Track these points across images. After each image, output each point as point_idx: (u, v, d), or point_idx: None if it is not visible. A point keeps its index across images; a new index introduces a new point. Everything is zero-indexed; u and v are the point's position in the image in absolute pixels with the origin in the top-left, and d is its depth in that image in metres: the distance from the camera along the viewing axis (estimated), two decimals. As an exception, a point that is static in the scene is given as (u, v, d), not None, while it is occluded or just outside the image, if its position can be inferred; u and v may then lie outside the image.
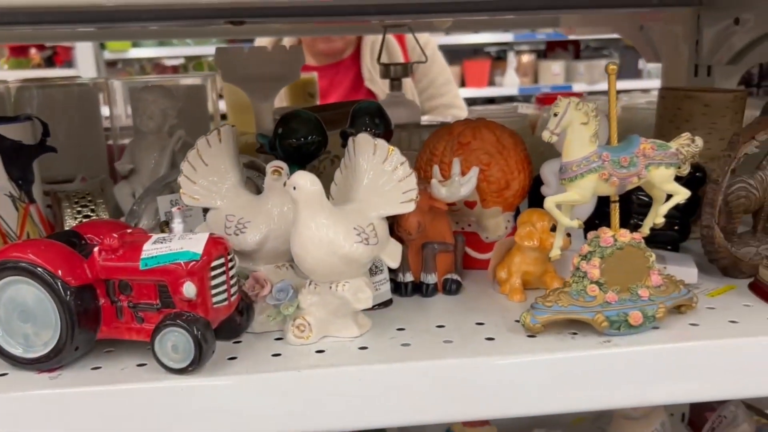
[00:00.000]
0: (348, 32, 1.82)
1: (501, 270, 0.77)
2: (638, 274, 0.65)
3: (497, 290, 0.77)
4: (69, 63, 4.63)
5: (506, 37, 4.93)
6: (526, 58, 5.18)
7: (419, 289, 0.77)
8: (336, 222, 0.62)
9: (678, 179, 0.77)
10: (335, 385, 0.59)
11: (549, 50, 5.34)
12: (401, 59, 2.16)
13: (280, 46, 1.23)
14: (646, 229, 0.68)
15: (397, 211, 0.67)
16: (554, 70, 5.11)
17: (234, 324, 0.65)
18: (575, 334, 0.65)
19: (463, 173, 0.79)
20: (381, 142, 0.68)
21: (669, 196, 0.67)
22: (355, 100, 1.54)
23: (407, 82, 2.15)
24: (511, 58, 5.16)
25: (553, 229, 0.73)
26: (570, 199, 0.65)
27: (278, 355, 0.63)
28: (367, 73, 2.09)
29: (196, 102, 1.26)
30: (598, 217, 0.78)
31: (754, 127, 0.77)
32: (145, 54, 4.91)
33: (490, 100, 4.80)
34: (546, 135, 0.64)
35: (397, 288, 0.78)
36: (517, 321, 0.66)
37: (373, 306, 0.73)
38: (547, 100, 1.72)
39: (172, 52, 4.90)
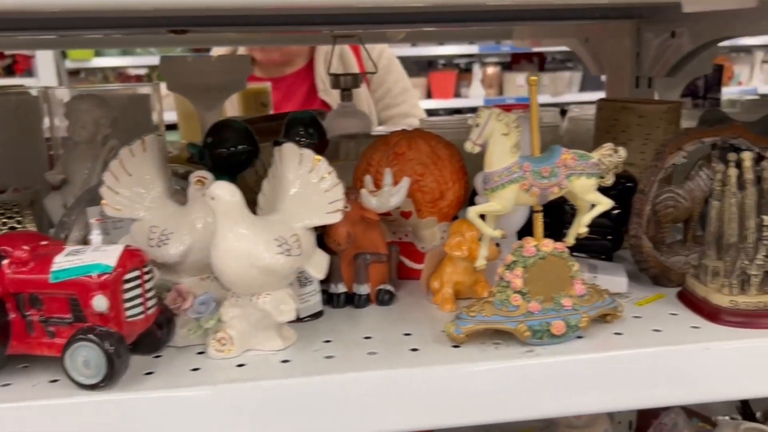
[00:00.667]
0: (298, 42, 1.81)
1: (434, 280, 0.77)
2: (562, 284, 0.66)
3: (431, 300, 0.77)
4: (29, 72, 4.55)
5: (472, 49, 4.97)
6: (491, 69, 5.23)
7: (352, 300, 0.77)
8: (256, 233, 0.61)
9: (609, 189, 0.78)
10: (252, 399, 0.58)
11: (514, 62, 5.40)
12: (356, 69, 2.17)
13: (223, 55, 1.22)
14: (570, 239, 0.68)
15: (322, 222, 0.67)
16: (519, 82, 5.16)
17: (154, 338, 0.64)
18: (499, 344, 0.65)
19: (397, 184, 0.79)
20: (307, 152, 0.67)
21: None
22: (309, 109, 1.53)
23: (362, 92, 2.15)
24: (477, 69, 5.20)
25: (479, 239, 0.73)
26: (492, 209, 0.65)
27: (197, 369, 0.61)
28: (321, 84, 2.09)
29: (141, 111, 1.24)
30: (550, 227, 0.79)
31: (681, 138, 0.78)
32: (108, 63, 4.84)
33: (457, 111, 4.83)
34: (468, 146, 0.64)
35: (330, 299, 0.77)
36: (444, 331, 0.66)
37: (303, 317, 0.73)
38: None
39: (135, 62, 4.84)
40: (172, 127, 1.71)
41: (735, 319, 0.68)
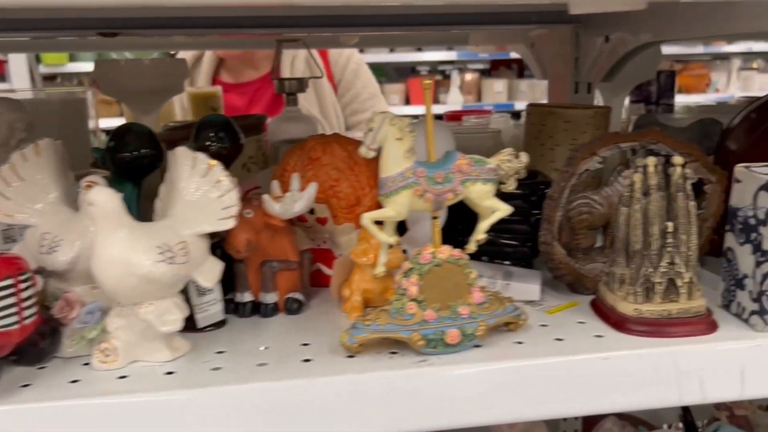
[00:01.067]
0: (241, 46, 1.79)
1: (345, 288, 0.75)
2: (459, 292, 0.64)
3: (342, 309, 0.75)
4: (2, 77, 4.51)
5: (451, 55, 4.98)
6: (469, 76, 5.23)
7: (259, 309, 0.75)
8: (136, 240, 0.59)
9: (530, 195, 0.77)
10: (127, 412, 0.56)
11: (493, 69, 5.42)
12: (324, 74, 2.15)
13: (157, 59, 1.21)
14: (471, 246, 0.67)
15: (214, 228, 0.65)
16: (497, 89, 5.17)
17: (36, 349, 0.62)
18: (395, 353, 0.63)
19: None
20: (201, 156, 0.66)
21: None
22: (253, 114, 1.51)
23: (329, 97, 2.14)
24: (455, 76, 5.21)
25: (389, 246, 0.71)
26: (385, 215, 0.63)
27: (76, 381, 0.59)
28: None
29: (75, 115, 1.22)
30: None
31: (595, 143, 0.77)
32: (82, 68, 4.80)
33: (438, 117, 4.83)
34: (363, 150, 0.63)
35: (236, 308, 0.75)
36: (343, 341, 0.64)
37: (205, 327, 0.71)
38: (454, 116, 1.72)
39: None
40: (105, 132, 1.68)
41: (639, 328, 0.66)
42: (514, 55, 1.55)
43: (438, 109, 5.02)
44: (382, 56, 4.99)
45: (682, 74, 5.33)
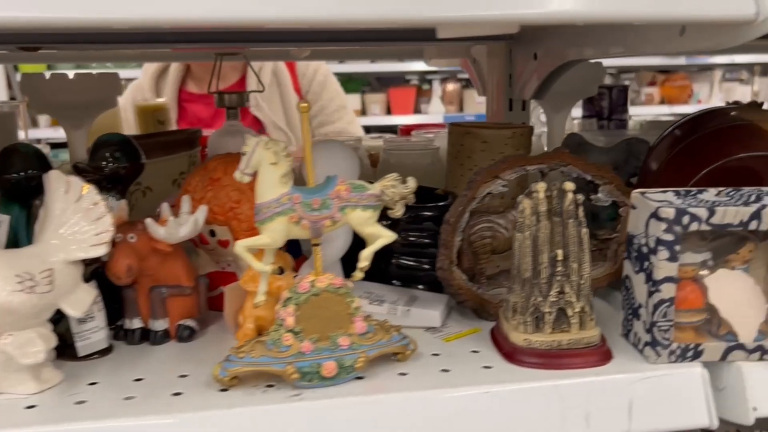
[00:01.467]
0: (180, 59, 1.77)
1: (240, 315, 0.73)
2: (340, 322, 0.62)
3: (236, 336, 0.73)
4: (-21, 86, 4.47)
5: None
6: (451, 86, 5.23)
7: (149, 336, 0.73)
8: (-8, 268, 0.57)
9: (435, 219, 0.74)
10: (-27, 450, 0.54)
11: (475, 79, 5.41)
12: (290, 86, 2.14)
13: (84, 73, 1.19)
14: (358, 274, 0.64)
15: (87, 255, 0.62)
16: (478, 99, 5.15)
17: None
18: (271, 386, 0.61)
19: (215, 212, 0.76)
20: (75, 180, 0.63)
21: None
22: (186, 129, 1.49)
23: (295, 109, 2.12)
24: (437, 86, 5.20)
25: (280, 272, 0.69)
26: (260, 242, 0.61)
27: (-72, 416, 0.57)
28: (252, 100, 2.05)
29: (4, 130, 1.20)
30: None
31: (498, 166, 0.75)
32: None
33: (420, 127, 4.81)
34: (237, 175, 0.61)
35: (126, 335, 0.72)
36: (221, 372, 0.62)
37: (89, 355, 0.68)
38: (406, 131, 1.70)
39: (90, 75, 4.76)
40: (63, 145, 1.66)
41: (529, 359, 0.64)
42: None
43: (419, 119, 5.02)
44: (365, 66, 4.99)
45: (665, 85, 5.34)
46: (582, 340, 0.65)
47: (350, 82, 4.99)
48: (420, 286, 0.83)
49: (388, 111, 5.12)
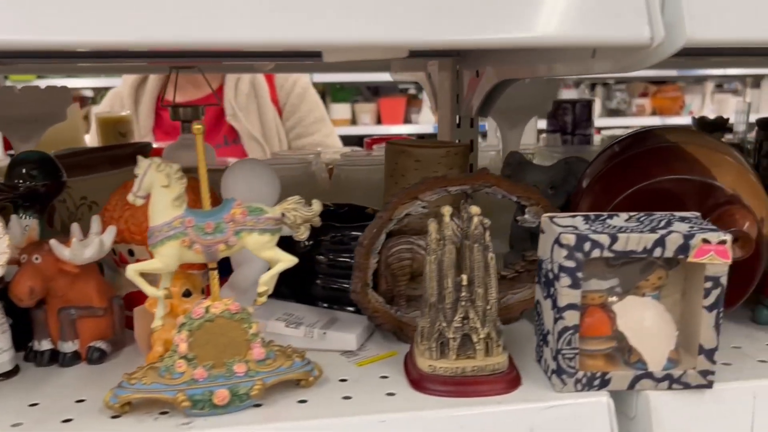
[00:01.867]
0: (133, 71, 1.77)
1: (151, 337, 0.72)
2: (237, 348, 0.61)
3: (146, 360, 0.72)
4: (-35, 92, 4.47)
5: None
6: (441, 96, 5.22)
7: (58, 357, 0.71)
8: None
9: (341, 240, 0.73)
10: None
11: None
12: (268, 98, 2.14)
13: (30, 87, 1.18)
14: (260, 299, 0.63)
15: (-20, 278, 0.61)
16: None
17: None
18: (165, 413, 0.60)
19: (132, 231, 0.75)
20: (-29, 202, 0.62)
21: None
22: (136, 143, 1.48)
23: (272, 120, 2.12)
24: (426, 96, 5.19)
25: (187, 294, 0.68)
26: (152, 267, 0.60)
27: None
28: (229, 109, 2.06)
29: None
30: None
31: (417, 187, 0.74)
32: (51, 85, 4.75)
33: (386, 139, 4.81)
34: (131, 198, 0.60)
35: (35, 356, 0.71)
36: (117, 398, 0.61)
37: (-7, 378, 0.67)
38: (370, 144, 1.70)
39: (79, 83, 4.78)
40: None
41: (433, 387, 0.63)
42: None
43: (409, 129, 5.02)
44: (356, 75, 4.98)
45: (656, 96, 5.35)
46: (487, 367, 0.63)
47: (341, 92, 4.99)
48: (349, 308, 0.82)
49: (379, 121, 5.12)
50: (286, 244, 0.79)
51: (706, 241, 0.59)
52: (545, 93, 1.25)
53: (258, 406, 0.61)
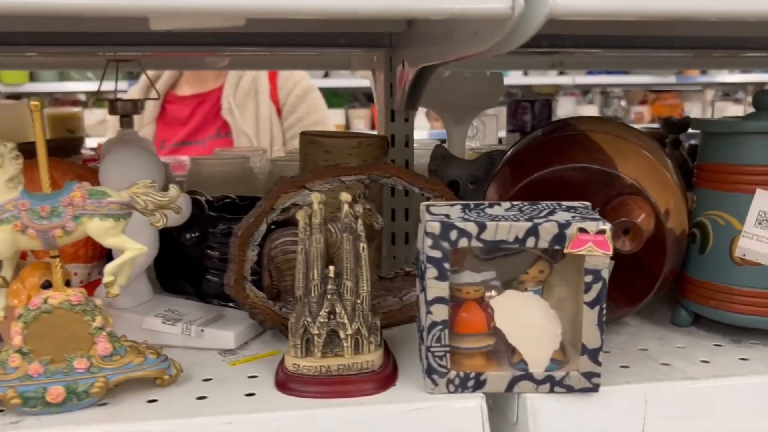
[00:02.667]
0: (71, 67, 1.73)
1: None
2: (79, 342, 0.56)
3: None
4: (-46, 95, 4.48)
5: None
6: (436, 102, 5.18)
7: None
8: None
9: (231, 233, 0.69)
10: None
11: (462, 96, 5.36)
12: (267, 96, 2.14)
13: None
14: (111, 291, 0.59)
15: None
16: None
17: None
18: (0, 411, 0.56)
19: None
20: None
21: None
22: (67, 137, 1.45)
23: (266, 117, 2.12)
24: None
25: (46, 285, 0.64)
26: (-17, 253, 0.56)
27: None
28: (226, 104, 2.08)
29: None
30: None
31: (304, 176, 0.69)
32: (43, 88, 4.77)
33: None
34: (-33, 181, 0.56)
35: None
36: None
37: None
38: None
39: (72, 87, 4.78)
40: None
41: (294, 387, 0.58)
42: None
43: (403, 135, 4.97)
44: (351, 81, 4.97)
45: (655, 104, 5.30)
46: (355, 366, 0.59)
47: (335, 97, 4.97)
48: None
49: (373, 126, 5.09)
50: (172, 237, 0.76)
51: (582, 230, 0.55)
52: (490, 88, 1.21)
53: (103, 405, 0.57)
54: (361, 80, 4.92)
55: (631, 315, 0.73)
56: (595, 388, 0.58)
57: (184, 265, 0.80)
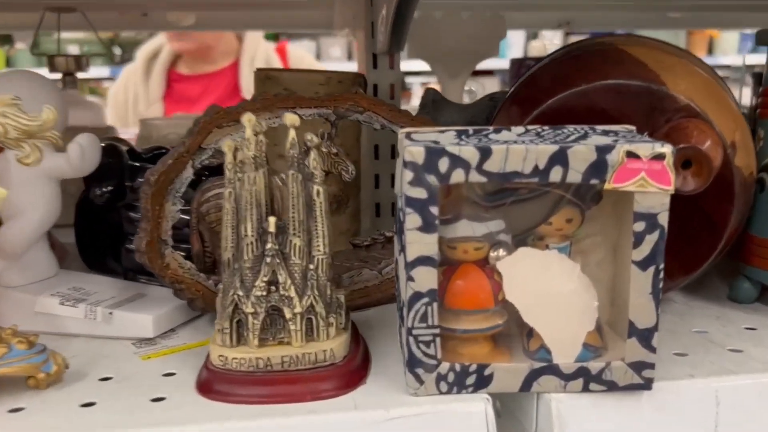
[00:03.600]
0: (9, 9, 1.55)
1: None
2: None
3: None
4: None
5: (411, 65, 4.77)
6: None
7: None
8: None
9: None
10: None
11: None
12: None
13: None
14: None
15: None
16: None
17: None
18: None
19: None
20: None
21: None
22: None
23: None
24: (417, 89, 5.00)
25: None
26: None
27: None
28: (244, 83, 1.96)
29: None
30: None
31: (242, 107, 0.52)
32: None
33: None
34: None
35: None
36: None
37: None
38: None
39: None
40: None
41: (220, 389, 0.41)
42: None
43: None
44: (348, 65, 4.78)
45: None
46: (306, 358, 0.42)
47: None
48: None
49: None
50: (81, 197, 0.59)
51: (632, 155, 0.37)
52: (489, 31, 1.03)
53: (-59, 416, 0.40)
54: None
55: (676, 289, 0.56)
56: (647, 385, 0.41)
57: (107, 235, 0.63)
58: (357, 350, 0.44)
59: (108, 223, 0.63)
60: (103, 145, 0.62)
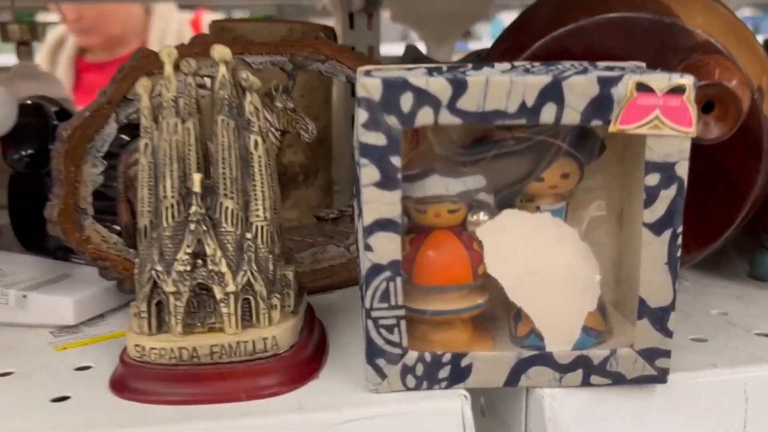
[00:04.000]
0: None
1: None
2: None
3: None
4: None
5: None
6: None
7: None
8: None
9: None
10: None
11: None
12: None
13: None
14: None
15: None
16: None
17: None
18: None
19: None
20: None
21: None
22: None
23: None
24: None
25: None
26: None
27: None
28: None
29: None
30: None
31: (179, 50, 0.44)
32: None
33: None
34: None
35: None
36: None
37: None
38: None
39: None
40: None
41: (136, 386, 0.33)
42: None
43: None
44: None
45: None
46: (242, 347, 0.34)
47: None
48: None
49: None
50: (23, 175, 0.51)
51: (644, 87, 0.30)
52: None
53: None
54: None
55: (689, 264, 0.48)
56: (661, 377, 0.33)
57: (39, 210, 0.55)
58: (309, 339, 0.37)
59: (39, 197, 0.55)
60: (28, 102, 0.54)
